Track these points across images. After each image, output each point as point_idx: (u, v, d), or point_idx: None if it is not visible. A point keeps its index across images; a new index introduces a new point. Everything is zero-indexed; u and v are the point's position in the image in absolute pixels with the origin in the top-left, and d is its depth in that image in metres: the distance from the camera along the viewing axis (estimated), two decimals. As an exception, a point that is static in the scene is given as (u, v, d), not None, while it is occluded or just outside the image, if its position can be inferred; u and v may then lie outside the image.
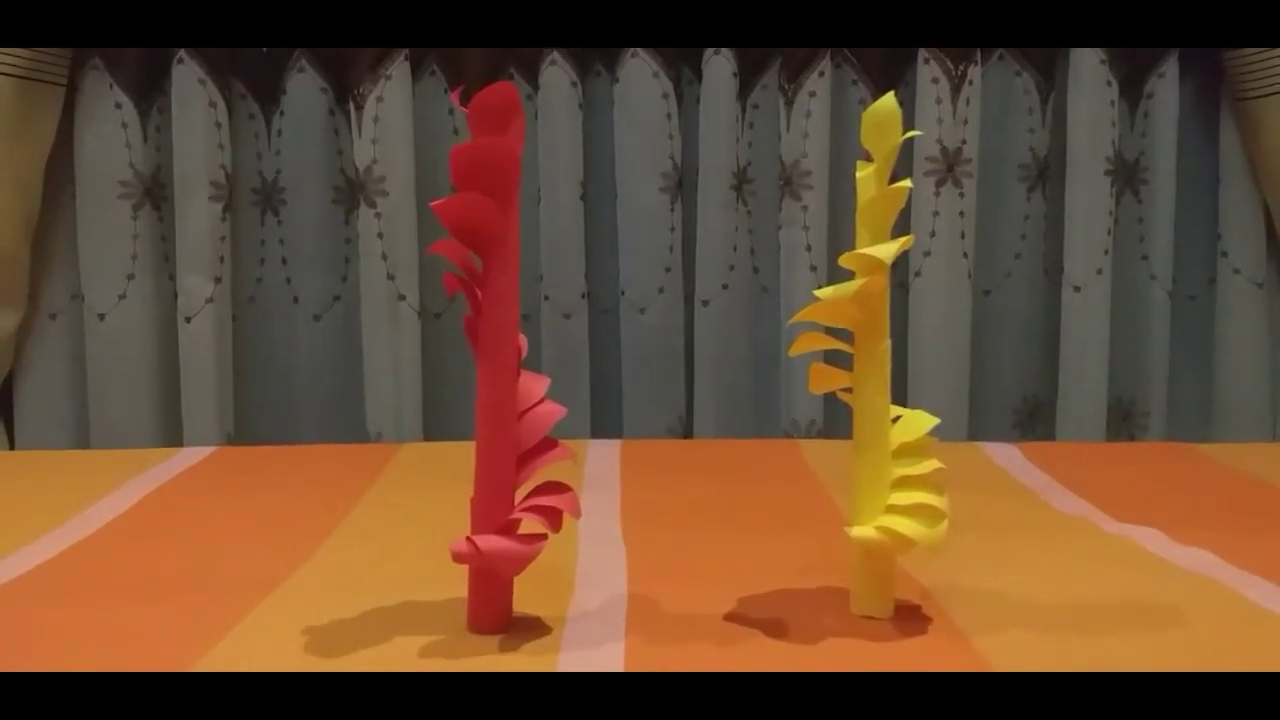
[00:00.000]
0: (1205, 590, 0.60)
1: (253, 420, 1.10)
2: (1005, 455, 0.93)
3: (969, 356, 1.09)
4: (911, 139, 1.05)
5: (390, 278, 1.06)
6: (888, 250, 0.52)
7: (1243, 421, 1.11)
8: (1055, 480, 0.84)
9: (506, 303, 0.52)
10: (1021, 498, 0.80)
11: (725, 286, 1.10)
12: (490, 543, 0.51)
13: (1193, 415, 1.13)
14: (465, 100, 0.50)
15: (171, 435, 1.07)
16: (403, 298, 1.06)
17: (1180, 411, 1.13)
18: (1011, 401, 1.14)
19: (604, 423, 1.11)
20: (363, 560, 0.65)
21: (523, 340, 0.54)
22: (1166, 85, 1.08)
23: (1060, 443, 1.07)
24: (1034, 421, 1.14)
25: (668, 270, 1.09)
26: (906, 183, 0.52)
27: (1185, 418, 1.13)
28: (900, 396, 1.08)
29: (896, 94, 1.10)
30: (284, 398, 1.12)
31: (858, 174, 0.53)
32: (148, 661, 0.50)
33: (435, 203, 0.50)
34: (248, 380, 1.10)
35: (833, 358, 0.58)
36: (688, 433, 1.11)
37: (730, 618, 0.56)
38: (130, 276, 1.06)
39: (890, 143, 0.52)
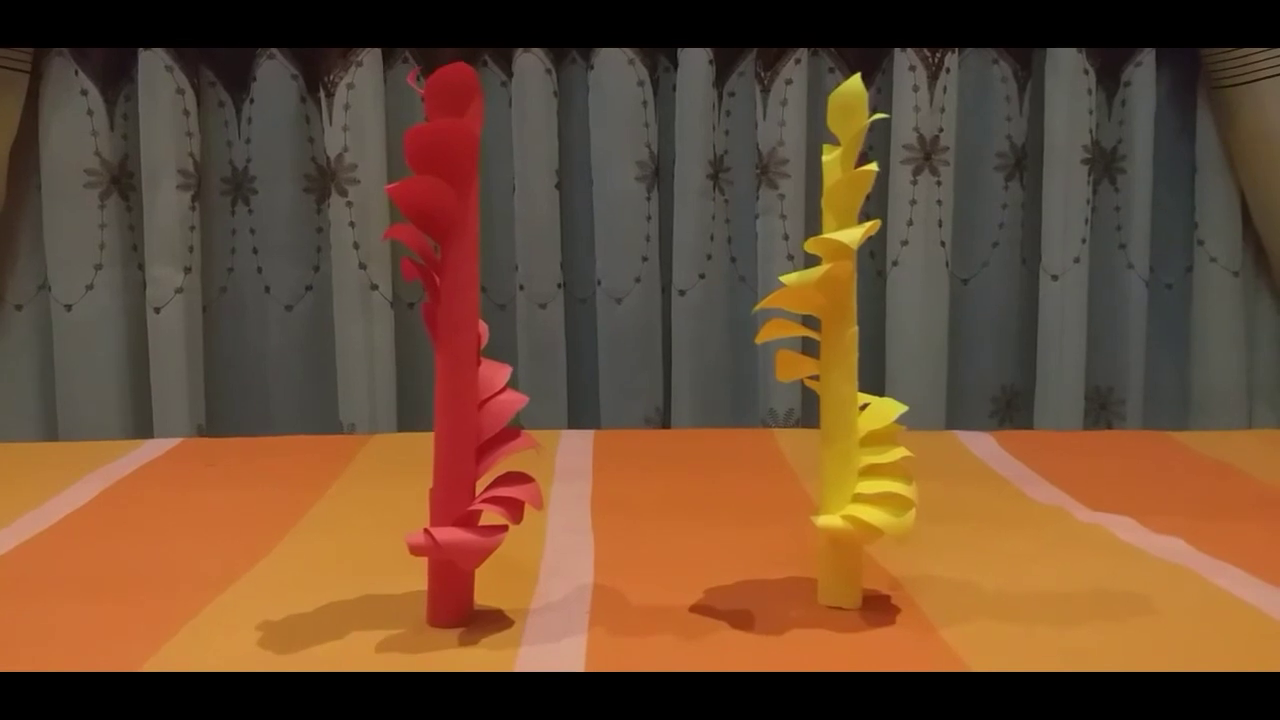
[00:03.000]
0: (1176, 579, 0.59)
1: (224, 412, 1.09)
2: (981, 444, 0.92)
3: (946, 345, 1.08)
4: (886, 125, 1.05)
5: (362, 267, 1.05)
6: (853, 235, 0.51)
7: (1218, 409, 1.11)
8: (1031, 469, 0.84)
9: (465, 289, 0.51)
10: (996, 487, 0.79)
11: (702, 276, 1.09)
12: (448, 535, 0.50)
13: (1169, 403, 1.13)
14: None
15: (141, 428, 1.06)
16: (375, 287, 1.05)
17: (1157, 400, 1.12)
18: (989, 390, 1.13)
19: (580, 413, 1.10)
20: (324, 554, 0.64)
21: (483, 328, 0.53)
22: (1144, 74, 1.08)
23: (1036, 431, 1.07)
24: (1011, 410, 1.14)
25: (644, 260, 1.08)
26: (873, 166, 0.51)
27: (1162, 406, 1.13)
28: (878, 385, 1.08)
29: (874, 82, 1.08)
30: (256, 389, 1.10)
31: (824, 157, 0.52)
32: (93, 661, 0.49)
33: (390, 186, 0.49)
34: (219, 372, 1.09)
35: (807, 346, 0.57)
36: (665, 423, 1.11)
37: (695, 609, 0.55)
38: (98, 267, 1.04)
39: (857, 125, 0.51)
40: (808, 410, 1.08)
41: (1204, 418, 1.11)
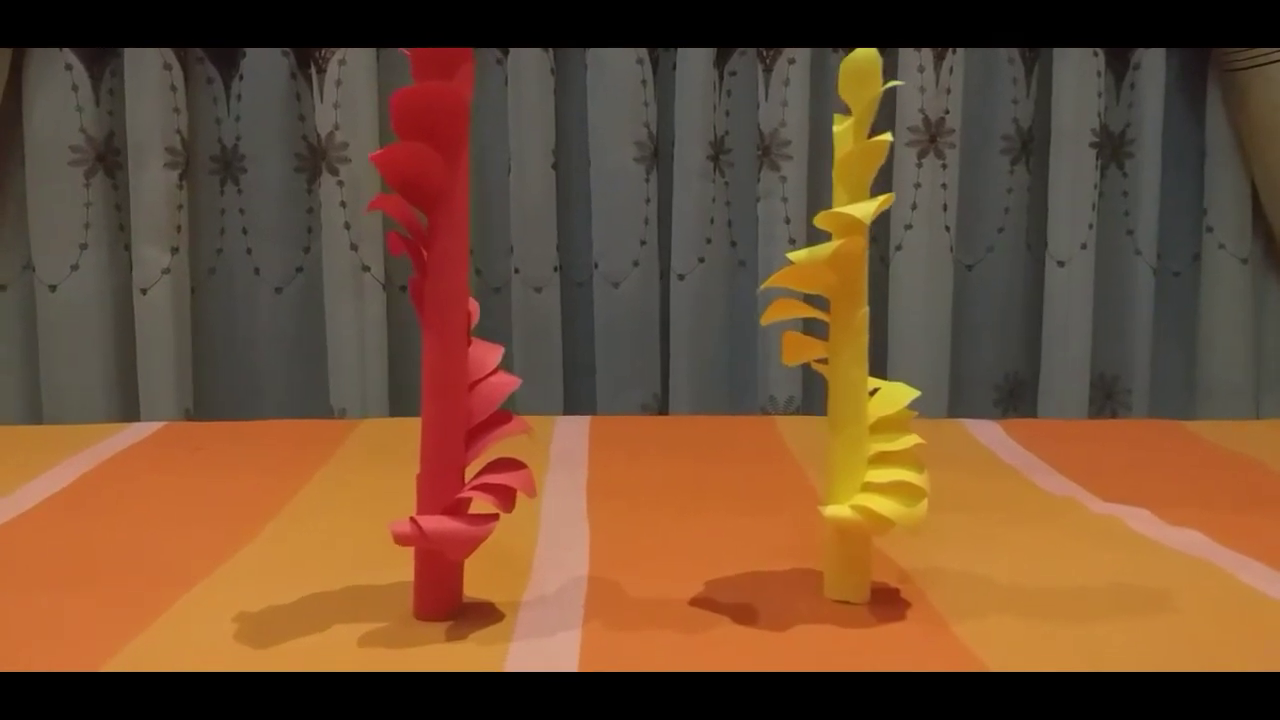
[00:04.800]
0: (1197, 573, 0.57)
1: (212, 396, 1.06)
2: (987, 432, 0.90)
3: (950, 332, 1.06)
4: (891, 106, 1.03)
5: (354, 248, 1.02)
6: (866, 209, 0.48)
7: (1225, 399, 1.09)
8: (1039, 458, 0.81)
9: (454, 264, 0.48)
10: (1005, 476, 0.77)
11: (701, 260, 1.06)
12: (435, 523, 0.47)
13: (1175, 392, 1.11)
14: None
15: (128, 411, 1.03)
16: (367, 269, 1.03)
17: (1163, 389, 1.11)
18: (993, 378, 1.11)
19: (576, 399, 1.08)
20: (308, 542, 0.62)
21: (474, 305, 0.50)
22: (1153, 56, 1.06)
23: (1043, 420, 1.05)
24: (1015, 399, 1.12)
25: (642, 243, 1.06)
26: (886, 136, 0.48)
27: (1168, 395, 1.11)
28: (880, 372, 1.05)
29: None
30: (244, 373, 1.08)
31: (835, 128, 0.50)
32: (57, 656, 0.46)
33: (374, 153, 0.46)
34: (207, 355, 1.06)
35: (811, 328, 0.54)
36: (662, 409, 1.08)
37: (695, 603, 0.52)
38: (83, 246, 1.02)
39: (870, 93, 0.48)
40: (808, 397, 1.06)
41: (1211, 407, 1.09)
